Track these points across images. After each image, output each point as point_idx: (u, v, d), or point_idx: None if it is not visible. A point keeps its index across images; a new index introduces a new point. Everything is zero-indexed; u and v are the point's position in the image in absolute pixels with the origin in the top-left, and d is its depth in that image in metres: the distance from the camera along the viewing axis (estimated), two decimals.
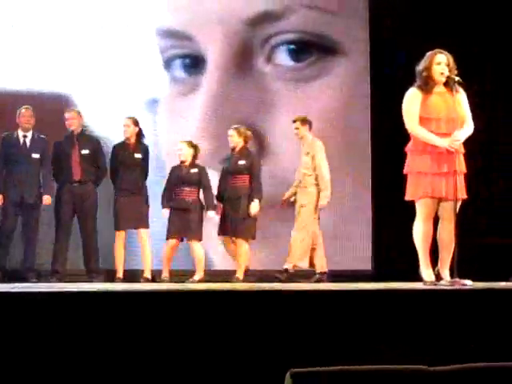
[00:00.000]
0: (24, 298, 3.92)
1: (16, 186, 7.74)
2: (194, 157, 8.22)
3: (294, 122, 8.32)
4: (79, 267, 8.10)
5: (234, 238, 8.19)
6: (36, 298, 3.93)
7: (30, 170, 7.84)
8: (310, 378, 2.76)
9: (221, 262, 8.83)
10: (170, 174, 8.27)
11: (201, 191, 8.18)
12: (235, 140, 8.20)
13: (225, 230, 8.20)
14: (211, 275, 8.28)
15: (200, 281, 7.97)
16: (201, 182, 8.16)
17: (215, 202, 8.21)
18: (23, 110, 7.96)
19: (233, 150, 8.24)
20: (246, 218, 8.11)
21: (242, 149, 8.22)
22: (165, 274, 8.07)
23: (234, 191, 8.15)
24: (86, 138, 8.20)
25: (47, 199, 7.91)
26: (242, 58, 9.28)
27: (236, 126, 8.29)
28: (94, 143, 8.21)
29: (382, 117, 8.95)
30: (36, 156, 7.87)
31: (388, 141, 8.55)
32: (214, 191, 8.26)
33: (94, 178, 8.07)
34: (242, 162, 8.14)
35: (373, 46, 9.40)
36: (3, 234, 7.75)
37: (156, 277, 8.09)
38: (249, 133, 8.31)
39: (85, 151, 8.03)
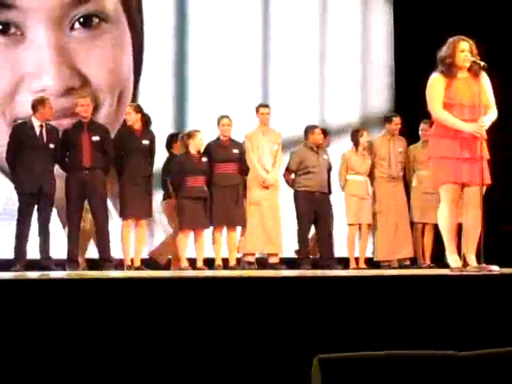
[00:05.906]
0: (54, 285, 3.95)
1: (34, 176, 7.64)
2: None
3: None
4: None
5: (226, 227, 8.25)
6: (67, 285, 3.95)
7: (48, 161, 7.77)
8: (336, 363, 2.74)
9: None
10: (179, 163, 8.24)
11: None
12: (231, 129, 8.35)
13: (217, 218, 8.20)
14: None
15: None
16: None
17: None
18: (47, 101, 7.85)
19: (226, 138, 8.34)
20: (239, 206, 8.19)
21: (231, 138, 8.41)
22: (185, 264, 8.10)
23: (227, 179, 8.18)
24: (96, 126, 8.12)
25: None
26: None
27: (226, 114, 8.44)
28: (103, 131, 8.12)
29: None
30: (52, 146, 7.80)
31: None
32: None
33: (103, 165, 8.00)
34: (235, 151, 8.29)
35: None
36: (24, 223, 7.66)
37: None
38: None
39: (95, 138, 7.94)
